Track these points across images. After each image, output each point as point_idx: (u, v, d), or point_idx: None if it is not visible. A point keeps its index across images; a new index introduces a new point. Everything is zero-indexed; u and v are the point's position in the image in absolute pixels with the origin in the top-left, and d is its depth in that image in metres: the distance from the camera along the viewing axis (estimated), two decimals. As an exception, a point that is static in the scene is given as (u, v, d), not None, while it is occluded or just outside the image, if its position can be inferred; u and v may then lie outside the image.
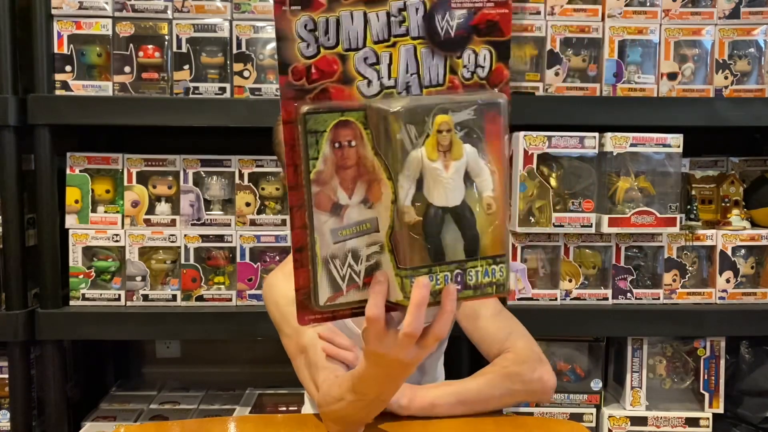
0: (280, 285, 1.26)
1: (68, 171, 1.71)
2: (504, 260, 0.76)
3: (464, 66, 0.78)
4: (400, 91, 0.76)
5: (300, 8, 0.73)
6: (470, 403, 1.16)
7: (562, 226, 1.64)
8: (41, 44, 1.64)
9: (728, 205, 1.77)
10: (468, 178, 0.74)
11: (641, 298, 1.71)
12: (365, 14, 0.75)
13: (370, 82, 0.76)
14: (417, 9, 0.76)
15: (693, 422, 1.71)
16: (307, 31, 0.74)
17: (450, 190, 0.74)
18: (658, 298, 1.71)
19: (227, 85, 1.69)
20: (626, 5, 1.71)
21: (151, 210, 1.73)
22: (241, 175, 1.73)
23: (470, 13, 0.77)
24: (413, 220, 0.73)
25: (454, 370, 1.48)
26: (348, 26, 0.74)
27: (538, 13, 1.71)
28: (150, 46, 1.69)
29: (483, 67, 0.79)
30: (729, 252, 1.71)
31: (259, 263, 1.73)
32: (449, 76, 0.78)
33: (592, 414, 1.73)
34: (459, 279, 0.75)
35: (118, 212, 1.71)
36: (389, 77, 0.76)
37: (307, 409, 1.40)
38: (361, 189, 0.76)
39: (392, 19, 0.75)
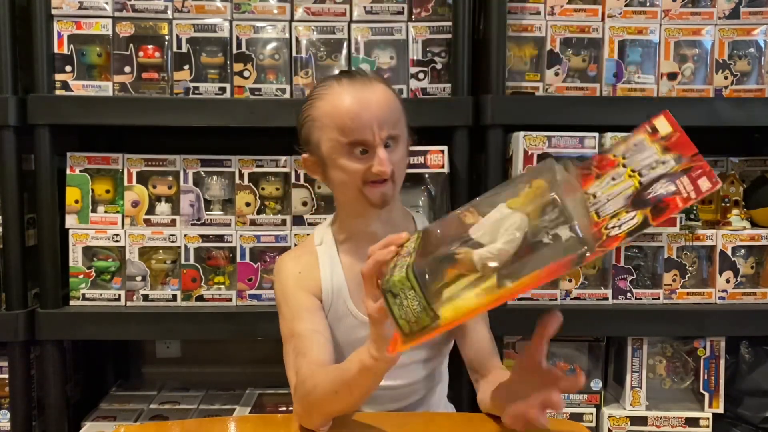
0: (289, 267, 1.28)
1: (68, 171, 1.71)
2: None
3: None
4: None
5: None
6: None
7: (562, 226, 1.63)
8: (41, 44, 1.64)
9: (728, 205, 1.77)
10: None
11: (641, 298, 1.71)
12: None
13: None
14: None
15: (693, 422, 1.71)
16: None
17: None
18: (658, 298, 1.71)
19: (227, 85, 1.69)
20: (626, 5, 1.71)
21: (151, 210, 1.73)
22: (241, 175, 1.73)
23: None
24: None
25: (457, 372, 1.48)
26: None
27: (538, 13, 1.71)
28: (150, 46, 1.69)
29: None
30: (729, 252, 1.71)
31: (259, 263, 1.73)
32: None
33: (592, 414, 1.73)
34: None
35: (118, 212, 1.71)
36: None
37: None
38: None
39: None
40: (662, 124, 0.81)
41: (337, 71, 1.70)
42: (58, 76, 1.67)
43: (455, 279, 0.83)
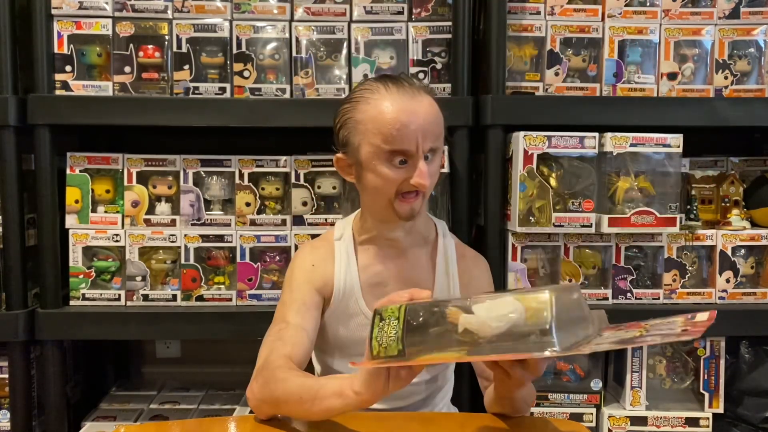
0: (305, 257, 1.29)
1: (68, 171, 1.71)
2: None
3: None
4: None
5: None
6: None
7: (562, 226, 1.64)
8: (41, 44, 1.64)
9: (728, 205, 1.77)
10: None
11: (641, 298, 1.71)
12: None
13: None
14: None
15: (693, 422, 1.71)
16: None
17: None
18: (658, 298, 1.71)
19: (227, 85, 1.69)
20: (626, 5, 1.71)
21: (151, 210, 1.73)
22: (241, 175, 1.73)
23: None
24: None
25: (458, 374, 1.48)
26: None
27: (538, 13, 1.71)
28: (150, 46, 1.69)
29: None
30: (729, 252, 1.71)
31: (259, 263, 1.73)
32: None
33: (592, 414, 1.73)
34: None
35: (118, 212, 1.71)
36: None
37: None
38: None
39: None
40: (702, 316, 0.86)
41: (336, 71, 1.70)
42: (58, 76, 1.67)
43: (438, 329, 0.88)
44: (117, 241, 1.70)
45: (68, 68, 1.67)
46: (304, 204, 1.73)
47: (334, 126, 1.23)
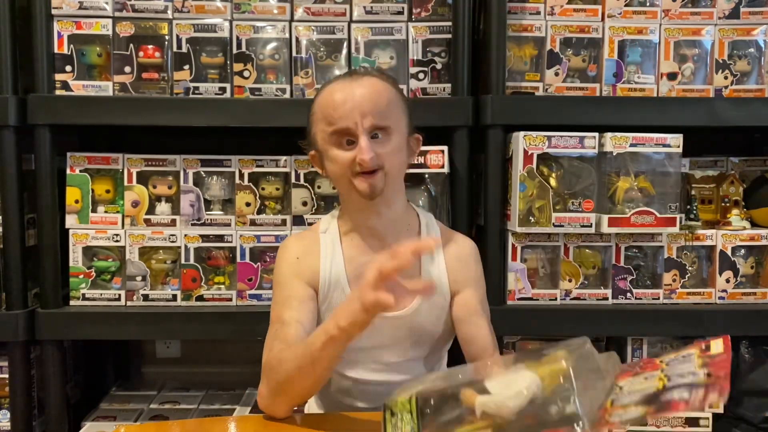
0: (290, 250, 1.29)
1: (68, 171, 1.71)
2: None
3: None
4: None
5: None
6: None
7: (562, 226, 1.64)
8: (41, 44, 1.64)
9: (728, 205, 1.77)
10: None
11: (641, 298, 1.71)
12: None
13: None
14: None
15: (693, 422, 1.71)
16: None
17: None
18: (658, 298, 1.71)
19: (227, 85, 1.69)
20: (626, 5, 1.71)
21: (151, 210, 1.73)
22: (241, 175, 1.73)
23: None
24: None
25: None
26: None
27: (538, 13, 1.71)
28: (150, 46, 1.69)
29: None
30: (729, 252, 1.71)
31: (259, 263, 1.73)
32: None
33: (592, 414, 1.73)
34: None
35: (118, 212, 1.71)
36: None
37: (310, 408, 1.40)
38: None
39: None
40: (717, 346, 0.84)
41: (337, 71, 1.70)
42: (58, 76, 1.67)
43: (455, 415, 0.84)
44: (117, 241, 1.70)
45: (68, 68, 1.67)
46: (304, 204, 1.73)
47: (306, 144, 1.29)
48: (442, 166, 1.64)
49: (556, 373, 0.79)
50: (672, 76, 1.72)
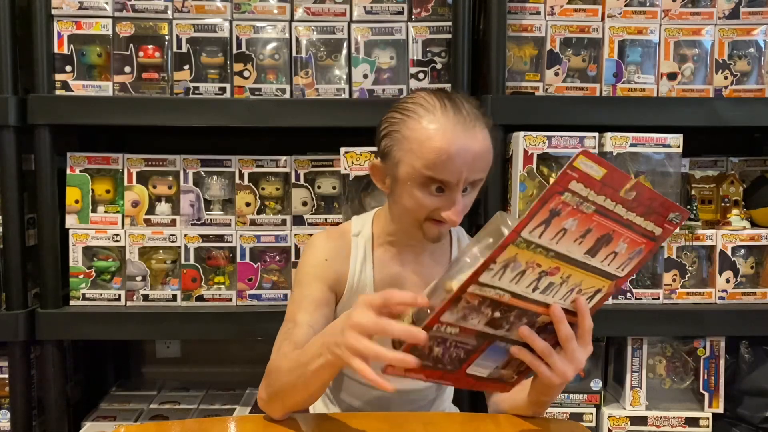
0: (319, 249, 1.24)
1: (68, 171, 1.71)
2: None
3: None
4: None
5: None
6: None
7: (562, 226, 1.63)
8: (41, 44, 1.64)
9: (728, 205, 1.77)
10: None
11: (641, 298, 1.71)
12: None
13: None
14: None
15: (693, 422, 1.71)
16: None
17: None
18: (658, 298, 1.71)
19: (227, 85, 1.69)
20: (626, 5, 1.71)
21: (151, 210, 1.73)
22: (241, 175, 1.73)
23: None
24: None
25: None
26: None
27: (538, 13, 1.71)
28: (150, 46, 1.69)
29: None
30: (729, 252, 1.71)
31: (259, 263, 1.73)
32: None
33: (592, 414, 1.73)
34: None
35: (118, 212, 1.71)
36: None
37: (315, 408, 1.40)
38: None
39: None
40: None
41: (336, 71, 1.70)
42: (58, 76, 1.67)
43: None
44: (117, 241, 1.70)
45: (68, 68, 1.67)
46: (304, 204, 1.74)
47: (378, 131, 1.18)
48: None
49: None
50: (672, 76, 1.73)
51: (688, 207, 1.73)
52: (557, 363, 0.93)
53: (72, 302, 1.71)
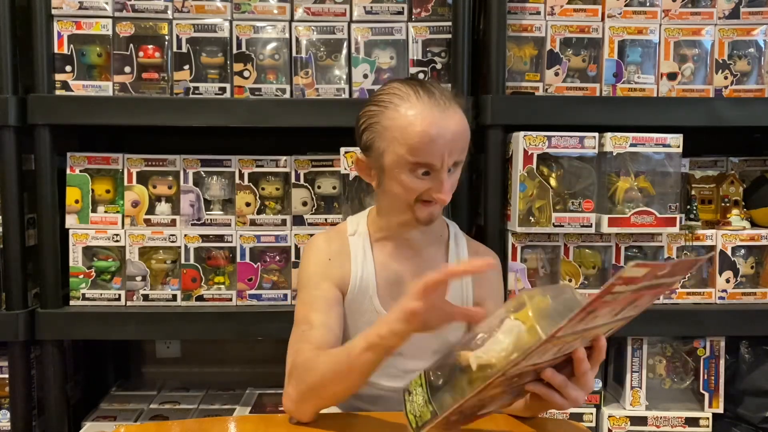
0: (320, 250, 1.26)
1: (68, 171, 1.71)
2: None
3: None
4: None
5: None
6: None
7: (562, 226, 1.64)
8: (41, 44, 1.64)
9: (728, 205, 1.77)
10: None
11: (641, 298, 1.71)
12: None
13: None
14: None
15: (693, 422, 1.71)
16: None
17: None
18: (658, 298, 1.71)
19: (227, 85, 1.69)
20: (626, 5, 1.71)
21: (151, 210, 1.73)
22: (241, 175, 1.73)
23: None
24: None
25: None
26: None
27: (538, 13, 1.71)
28: (150, 46, 1.69)
29: None
30: (729, 252, 1.71)
31: (259, 263, 1.73)
32: None
33: (592, 414, 1.73)
34: None
35: (118, 212, 1.71)
36: None
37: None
38: None
39: None
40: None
41: (336, 71, 1.70)
42: (58, 76, 1.67)
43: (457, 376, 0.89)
44: (117, 241, 1.70)
45: (68, 68, 1.67)
46: (304, 204, 1.73)
47: (357, 127, 1.21)
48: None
49: (536, 310, 0.84)
50: (672, 76, 1.72)
51: (688, 207, 1.73)
52: (571, 393, 0.95)
53: (72, 302, 1.71)
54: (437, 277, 0.95)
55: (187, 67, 1.69)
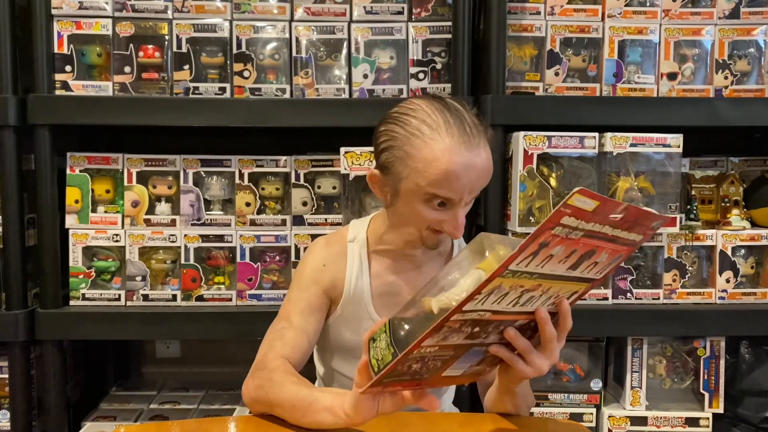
0: (317, 254, 1.26)
1: (68, 171, 1.71)
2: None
3: None
4: None
5: None
6: None
7: (562, 226, 1.63)
8: (41, 44, 1.64)
9: (728, 205, 1.77)
10: None
11: (641, 298, 1.71)
12: None
13: None
14: None
15: (693, 422, 1.71)
16: None
17: None
18: (658, 298, 1.71)
19: (227, 85, 1.69)
20: (626, 5, 1.71)
21: (151, 210, 1.73)
22: (241, 175, 1.73)
23: None
24: None
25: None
26: None
27: (538, 13, 1.71)
28: (150, 46, 1.69)
29: None
30: (729, 252, 1.71)
31: (259, 263, 1.73)
32: None
33: (592, 414, 1.73)
34: None
35: (118, 212, 1.71)
36: None
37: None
38: None
39: None
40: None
41: (336, 71, 1.70)
42: (58, 76, 1.67)
43: (418, 319, 0.89)
44: (117, 241, 1.70)
45: (68, 68, 1.67)
46: (304, 204, 1.73)
47: (376, 143, 1.15)
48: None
49: (498, 260, 0.83)
50: (672, 76, 1.72)
51: (688, 207, 1.73)
52: (536, 360, 0.94)
53: (72, 302, 1.71)
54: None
55: (187, 67, 1.69)
